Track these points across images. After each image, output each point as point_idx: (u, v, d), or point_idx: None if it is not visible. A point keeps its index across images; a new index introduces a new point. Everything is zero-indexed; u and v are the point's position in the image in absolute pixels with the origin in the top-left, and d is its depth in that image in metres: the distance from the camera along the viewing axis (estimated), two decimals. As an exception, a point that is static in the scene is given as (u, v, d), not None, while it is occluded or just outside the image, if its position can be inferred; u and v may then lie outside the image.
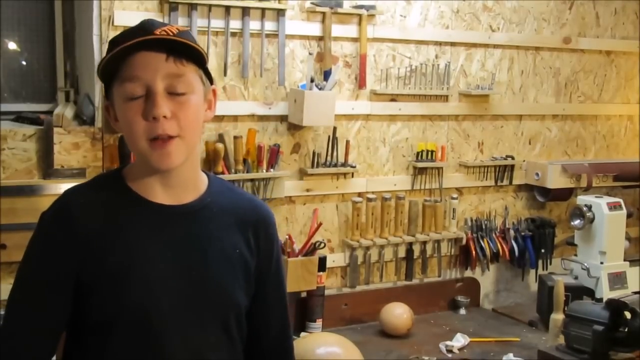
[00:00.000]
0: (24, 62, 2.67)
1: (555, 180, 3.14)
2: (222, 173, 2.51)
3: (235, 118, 2.61)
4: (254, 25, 2.56)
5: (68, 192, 1.42)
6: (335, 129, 2.75)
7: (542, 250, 3.19)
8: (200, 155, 2.46)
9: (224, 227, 1.45)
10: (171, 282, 1.38)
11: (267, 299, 1.52)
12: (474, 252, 3.08)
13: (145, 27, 1.35)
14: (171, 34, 1.33)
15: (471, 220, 3.11)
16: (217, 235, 1.44)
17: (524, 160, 3.22)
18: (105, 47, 2.32)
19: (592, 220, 2.92)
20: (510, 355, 2.52)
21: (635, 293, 2.56)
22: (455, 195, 3.03)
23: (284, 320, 1.58)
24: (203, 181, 1.47)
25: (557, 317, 2.55)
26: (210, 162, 2.52)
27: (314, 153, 2.75)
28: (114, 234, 1.37)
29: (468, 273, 3.14)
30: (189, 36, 1.38)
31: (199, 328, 1.41)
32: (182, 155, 1.36)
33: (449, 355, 2.55)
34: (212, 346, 1.42)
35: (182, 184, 1.42)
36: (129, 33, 1.36)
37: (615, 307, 2.30)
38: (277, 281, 1.55)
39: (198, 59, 1.37)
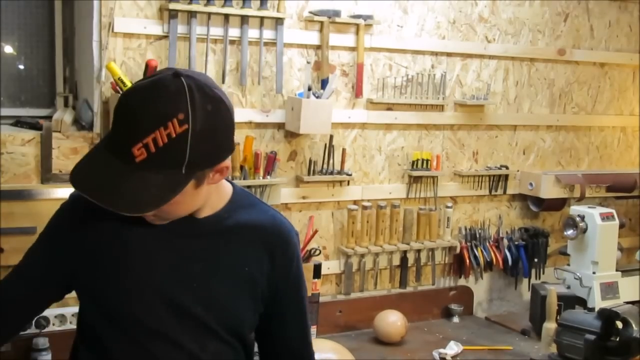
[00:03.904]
0: (23, 67, 2.68)
1: (549, 190, 3.16)
2: (219, 179, 2.52)
3: (232, 125, 2.62)
4: (252, 33, 2.58)
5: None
6: (331, 137, 2.77)
7: (535, 260, 3.21)
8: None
9: (234, 244, 1.45)
10: (168, 294, 1.39)
11: (284, 315, 1.52)
12: (467, 261, 3.10)
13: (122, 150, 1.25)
14: (153, 149, 1.23)
15: (465, 229, 3.13)
16: (225, 251, 1.44)
17: (518, 170, 3.25)
18: (105, 53, 2.38)
19: (585, 230, 2.94)
20: (503, 363, 2.55)
21: (627, 303, 2.58)
22: (449, 204, 3.05)
23: (303, 334, 1.57)
24: (223, 197, 1.45)
25: (550, 326, 2.57)
26: (207, 168, 2.53)
27: (310, 161, 2.76)
28: (120, 240, 1.39)
29: (462, 281, 3.16)
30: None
31: (196, 338, 1.41)
32: (183, 214, 1.38)
33: (442, 362, 2.58)
34: (211, 355, 1.43)
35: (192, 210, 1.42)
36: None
37: (607, 316, 2.32)
38: (296, 298, 1.54)
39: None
